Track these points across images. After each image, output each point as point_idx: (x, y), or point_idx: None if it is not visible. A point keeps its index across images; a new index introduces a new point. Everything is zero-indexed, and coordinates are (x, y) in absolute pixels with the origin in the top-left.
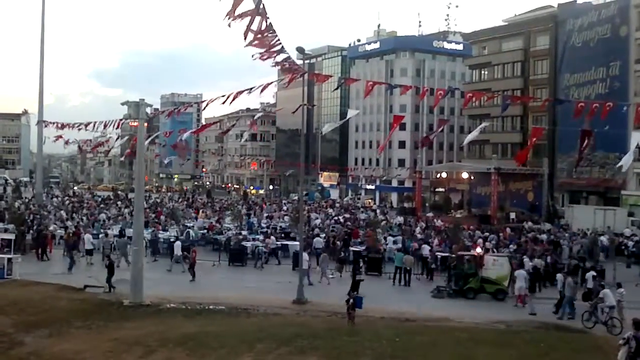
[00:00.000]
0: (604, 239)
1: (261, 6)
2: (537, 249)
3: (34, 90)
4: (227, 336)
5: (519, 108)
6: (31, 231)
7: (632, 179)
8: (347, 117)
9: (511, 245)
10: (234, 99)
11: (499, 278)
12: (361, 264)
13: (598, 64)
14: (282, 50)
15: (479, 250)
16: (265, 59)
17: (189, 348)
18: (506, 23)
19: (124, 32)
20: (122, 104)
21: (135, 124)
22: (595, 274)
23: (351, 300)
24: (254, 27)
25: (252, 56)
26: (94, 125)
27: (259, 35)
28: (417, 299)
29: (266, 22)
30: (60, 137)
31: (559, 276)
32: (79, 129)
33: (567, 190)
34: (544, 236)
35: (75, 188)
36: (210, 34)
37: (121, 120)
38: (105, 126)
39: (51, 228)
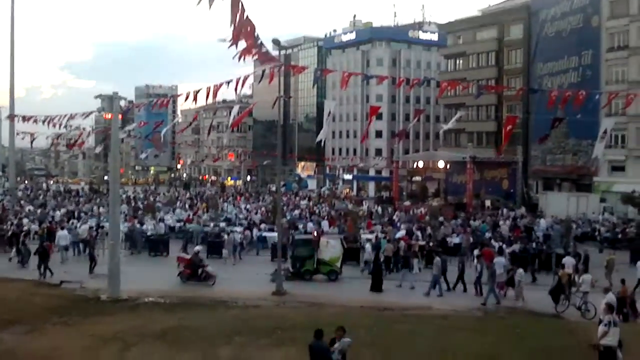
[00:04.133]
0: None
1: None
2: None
3: (4, 83)
4: (206, 329)
5: (493, 97)
6: (5, 227)
7: (604, 166)
8: (326, 113)
9: (487, 234)
10: (215, 94)
11: (332, 259)
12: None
13: (571, 54)
14: (261, 45)
15: (315, 233)
16: (245, 56)
17: (168, 342)
18: (480, 13)
19: (97, 23)
20: (96, 97)
21: (110, 116)
22: (574, 261)
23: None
24: (234, 22)
25: (233, 57)
26: (66, 118)
27: (239, 32)
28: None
29: (244, 16)
30: (33, 135)
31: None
32: (53, 124)
33: (540, 177)
34: (543, 222)
35: (51, 182)
36: (182, 24)
37: (94, 112)
38: (71, 117)
39: (24, 222)
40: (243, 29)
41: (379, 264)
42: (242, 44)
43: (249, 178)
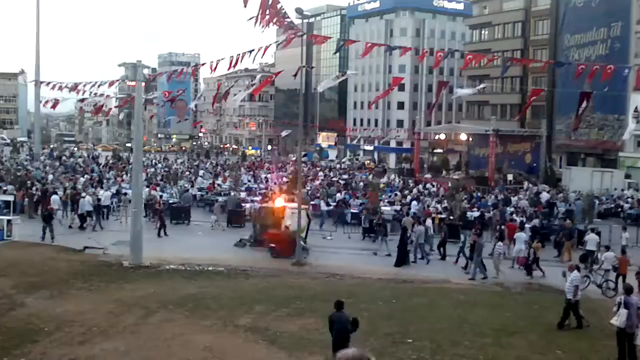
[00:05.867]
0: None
1: None
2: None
3: (32, 49)
4: (226, 298)
5: (518, 69)
6: (29, 191)
7: (630, 141)
8: (345, 76)
9: (509, 207)
10: (236, 63)
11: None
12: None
13: (599, 25)
14: (285, 15)
15: (282, 201)
16: (268, 26)
17: (189, 309)
18: None
19: None
20: (119, 65)
21: (133, 83)
22: (598, 238)
23: None
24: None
25: (262, 31)
26: (91, 86)
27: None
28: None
29: None
30: (57, 103)
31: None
32: (77, 91)
33: (565, 151)
34: (545, 195)
35: (75, 149)
36: None
37: (118, 80)
38: (97, 86)
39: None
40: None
41: (405, 239)
42: (266, 15)
43: (269, 147)
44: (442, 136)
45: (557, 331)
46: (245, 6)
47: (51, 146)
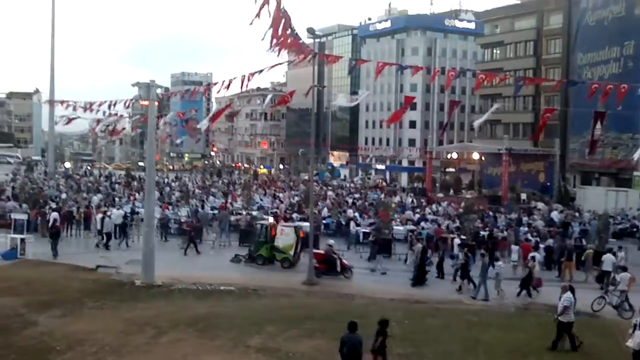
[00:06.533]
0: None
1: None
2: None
3: (47, 68)
4: (237, 317)
5: (531, 88)
6: (42, 210)
7: None
8: (358, 100)
9: (522, 227)
10: (249, 81)
11: (285, 247)
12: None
13: (612, 44)
14: (297, 37)
15: (271, 219)
16: (281, 50)
17: (200, 329)
18: (519, 1)
19: (135, 10)
20: (133, 85)
21: (146, 103)
22: (614, 258)
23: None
24: (270, 17)
25: (269, 51)
26: (106, 105)
27: (276, 27)
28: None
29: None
30: (71, 120)
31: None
32: (91, 110)
33: (578, 171)
34: (554, 214)
35: (87, 167)
36: (217, 10)
37: (132, 100)
38: (112, 105)
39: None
40: (279, 23)
41: (424, 259)
42: (279, 36)
43: (281, 166)
44: (455, 155)
45: (572, 353)
46: (251, 23)
47: (67, 165)
